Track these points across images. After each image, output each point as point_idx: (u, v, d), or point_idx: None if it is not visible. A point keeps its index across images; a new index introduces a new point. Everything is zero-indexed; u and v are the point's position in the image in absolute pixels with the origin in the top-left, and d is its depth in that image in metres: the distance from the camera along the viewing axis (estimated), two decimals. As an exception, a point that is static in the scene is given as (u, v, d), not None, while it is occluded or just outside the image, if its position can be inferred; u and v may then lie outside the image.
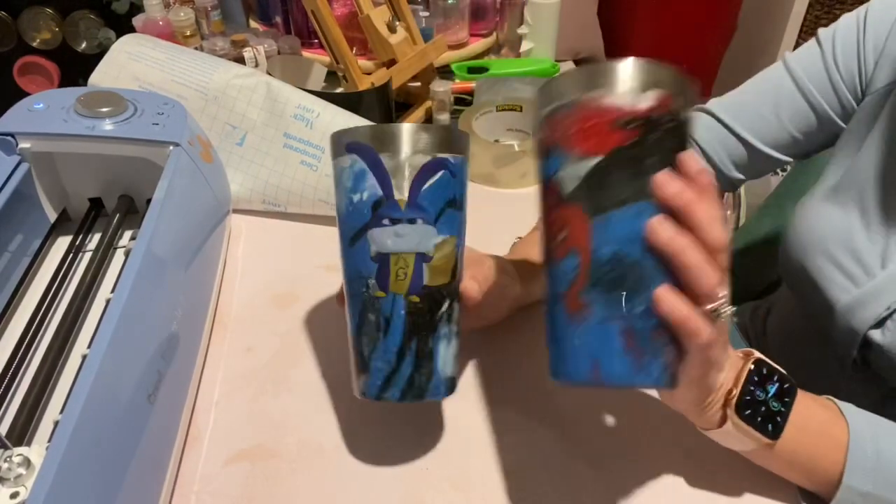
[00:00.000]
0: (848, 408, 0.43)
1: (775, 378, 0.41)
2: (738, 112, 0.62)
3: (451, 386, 0.43)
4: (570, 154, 0.36)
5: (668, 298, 0.33)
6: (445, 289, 0.42)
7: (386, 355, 0.41)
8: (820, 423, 0.42)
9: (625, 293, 0.34)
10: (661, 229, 0.33)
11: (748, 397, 0.40)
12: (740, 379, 0.40)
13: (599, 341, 0.35)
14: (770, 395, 0.41)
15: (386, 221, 0.40)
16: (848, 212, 0.54)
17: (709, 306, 0.34)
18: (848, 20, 0.58)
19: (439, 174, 0.41)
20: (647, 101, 0.34)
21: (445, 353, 0.42)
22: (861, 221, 0.52)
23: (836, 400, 0.44)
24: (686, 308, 0.33)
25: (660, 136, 0.34)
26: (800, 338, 0.64)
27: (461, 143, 0.43)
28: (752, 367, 0.41)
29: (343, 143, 0.42)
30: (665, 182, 0.34)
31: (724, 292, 0.34)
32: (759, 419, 0.40)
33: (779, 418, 0.41)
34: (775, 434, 0.41)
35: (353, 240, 0.42)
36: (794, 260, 0.57)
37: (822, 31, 0.59)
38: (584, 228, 0.35)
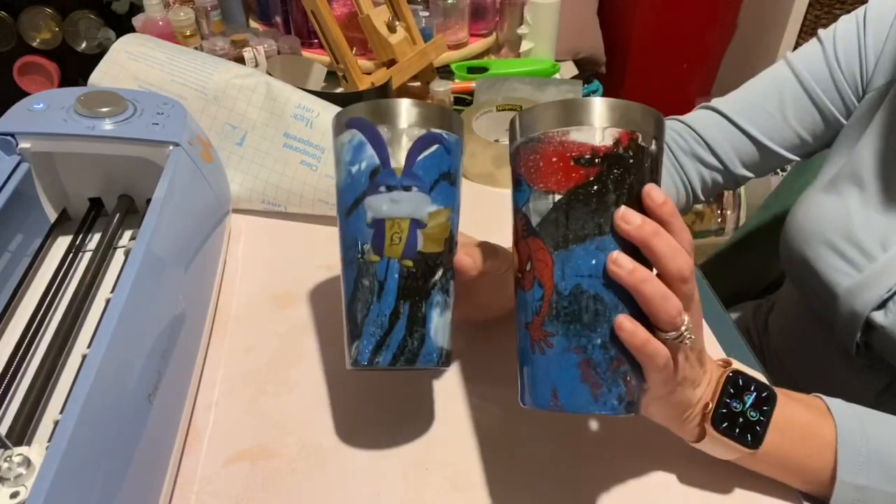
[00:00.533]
0: (835, 404, 0.43)
1: (752, 388, 0.42)
2: (745, 109, 0.62)
3: (444, 356, 0.43)
4: (534, 188, 0.37)
5: (626, 326, 0.35)
6: (439, 257, 0.43)
7: (379, 318, 0.41)
8: (804, 424, 0.42)
9: (583, 326, 0.36)
10: (619, 265, 0.34)
11: (724, 410, 0.41)
12: (716, 393, 0.41)
13: (559, 371, 0.36)
14: (747, 405, 0.41)
15: (382, 188, 0.41)
16: (846, 200, 0.54)
17: (671, 333, 0.35)
18: (848, 20, 0.59)
19: (434, 147, 0.42)
20: (607, 138, 0.36)
21: (438, 321, 0.43)
22: (860, 208, 0.53)
23: (823, 397, 0.44)
24: (643, 335, 0.35)
25: (621, 173, 0.36)
26: (803, 333, 0.64)
27: (456, 123, 0.44)
28: (727, 379, 0.41)
29: (343, 121, 0.43)
30: (623, 218, 0.35)
31: (685, 318, 0.36)
32: (738, 430, 0.41)
33: (758, 427, 0.41)
34: (755, 443, 0.41)
35: (350, 209, 0.43)
36: (794, 251, 0.58)
37: (822, 32, 0.60)
38: (547, 262, 0.37)
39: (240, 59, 0.86)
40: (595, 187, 0.35)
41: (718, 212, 1.54)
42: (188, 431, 0.49)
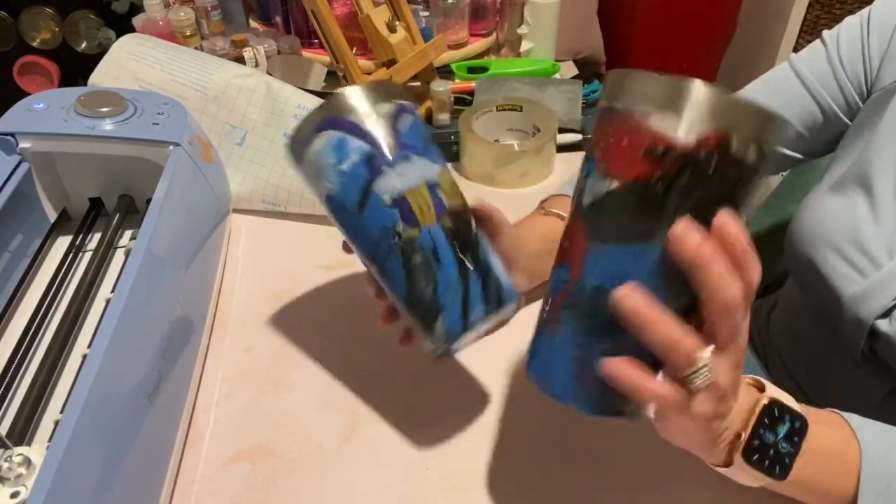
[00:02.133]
0: (859, 424, 0.42)
1: (786, 419, 0.39)
2: None
3: (518, 292, 0.44)
4: (597, 165, 0.33)
5: (611, 371, 0.32)
6: (465, 208, 0.43)
7: (450, 283, 0.40)
8: (830, 450, 0.41)
9: (593, 328, 0.33)
10: (628, 299, 0.31)
11: (757, 441, 0.38)
12: (750, 422, 0.38)
13: (556, 358, 0.35)
14: (780, 436, 0.38)
15: (385, 168, 0.41)
16: (853, 204, 0.54)
17: (685, 373, 0.32)
18: (851, 21, 0.58)
19: (408, 116, 0.43)
20: (691, 134, 0.30)
21: (497, 262, 0.43)
22: (868, 213, 0.53)
23: (845, 415, 0.43)
24: (636, 378, 0.32)
25: (693, 180, 0.30)
26: (806, 334, 0.64)
27: (405, 92, 0.44)
28: (764, 408, 0.38)
29: (305, 134, 0.42)
30: (679, 236, 0.30)
31: (702, 357, 0.32)
32: (767, 462, 0.38)
33: (787, 459, 0.38)
34: (783, 475, 0.39)
35: (361, 204, 0.41)
36: (799, 253, 0.58)
37: (826, 33, 0.60)
38: (582, 249, 0.34)
39: (240, 59, 0.85)
40: (657, 188, 0.30)
41: (718, 212, 1.53)
42: (188, 431, 0.49)
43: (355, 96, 0.41)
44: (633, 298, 0.31)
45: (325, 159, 0.42)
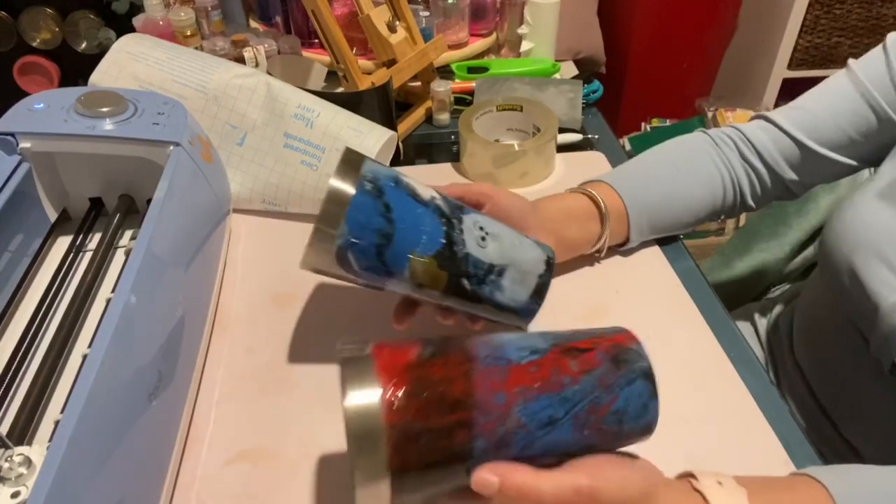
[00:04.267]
0: (832, 484, 0.39)
1: None
2: (792, 113, 0.62)
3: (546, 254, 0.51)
4: None
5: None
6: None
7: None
8: None
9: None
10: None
11: None
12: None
13: None
14: None
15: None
16: None
17: None
18: None
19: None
20: None
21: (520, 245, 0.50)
22: None
23: (819, 477, 0.40)
24: None
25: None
26: (829, 338, 0.62)
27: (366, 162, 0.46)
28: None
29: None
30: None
31: None
32: None
33: None
34: None
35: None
36: (839, 256, 0.56)
37: (891, 36, 0.59)
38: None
39: (240, 59, 0.85)
40: None
41: (718, 212, 1.53)
42: (188, 432, 0.49)
43: (355, 167, 0.44)
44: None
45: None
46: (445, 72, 0.98)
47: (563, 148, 0.82)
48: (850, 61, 0.61)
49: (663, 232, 0.65)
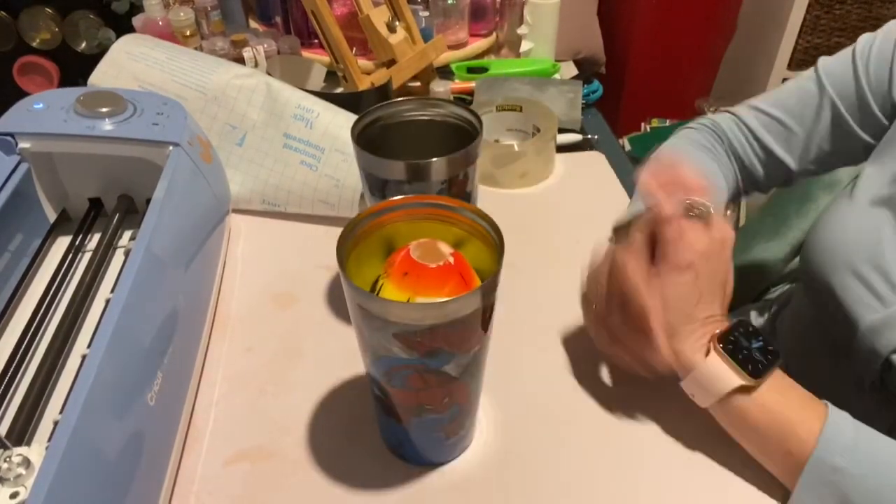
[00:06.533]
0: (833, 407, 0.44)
1: (761, 338, 0.45)
2: (761, 116, 0.63)
3: None
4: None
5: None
6: None
7: None
8: (800, 395, 0.44)
9: None
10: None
11: (732, 338, 0.44)
12: (726, 324, 0.45)
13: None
14: (753, 346, 0.44)
15: None
16: (879, 226, 0.52)
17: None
18: (888, 33, 0.56)
19: None
20: None
21: None
22: (893, 237, 0.50)
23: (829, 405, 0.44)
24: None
25: None
26: (814, 348, 0.62)
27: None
28: (740, 322, 0.45)
29: None
30: None
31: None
32: (741, 357, 0.43)
33: (760, 365, 0.43)
34: (755, 374, 0.43)
35: None
36: (817, 272, 0.55)
37: (862, 40, 0.58)
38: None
39: (240, 59, 0.85)
40: None
41: (718, 212, 1.53)
42: (188, 431, 0.49)
43: None
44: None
45: None
46: (445, 72, 0.98)
47: (562, 148, 0.82)
48: (820, 63, 0.60)
49: None
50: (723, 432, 0.46)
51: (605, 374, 0.54)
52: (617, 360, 0.50)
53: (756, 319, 0.75)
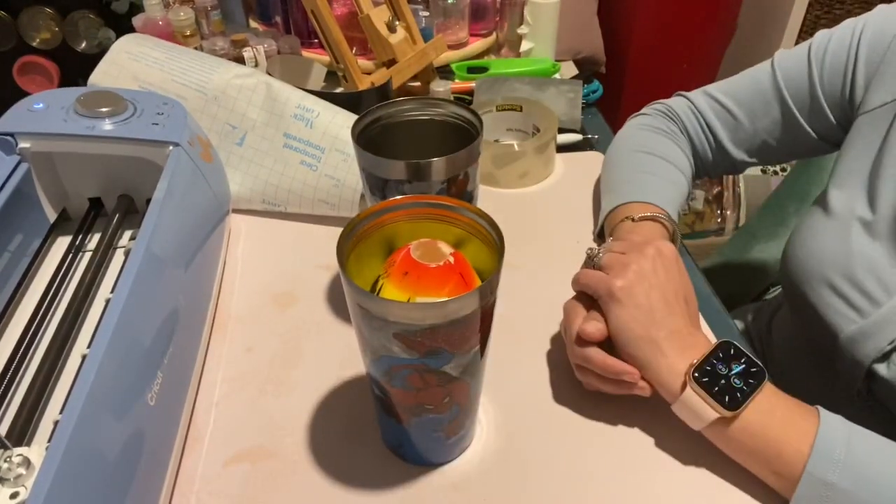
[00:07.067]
0: (825, 411, 0.42)
1: (742, 360, 0.44)
2: (713, 103, 0.64)
3: None
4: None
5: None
6: None
7: None
8: (788, 410, 0.43)
9: None
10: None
11: (708, 367, 0.43)
12: (704, 353, 0.44)
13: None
14: (733, 372, 0.43)
15: None
16: (847, 235, 0.51)
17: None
18: (843, 34, 0.56)
19: None
20: None
21: None
22: (863, 246, 0.50)
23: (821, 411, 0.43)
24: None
25: None
26: (804, 356, 0.62)
27: None
28: (720, 344, 0.44)
29: None
30: None
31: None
32: (716, 389, 0.42)
33: (738, 394, 0.42)
34: (732, 407, 0.42)
35: None
36: (796, 284, 0.55)
37: (817, 38, 0.58)
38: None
39: (240, 59, 0.85)
40: None
41: (718, 212, 1.54)
42: (188, 432, 0.49)
43: None
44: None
45: None
46: (445, 72, 0.98)
47: (562, 148, 0.82)
48: (776, 58, 0.61)
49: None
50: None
51: (605, 374, 0.54)
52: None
53: (754, 319, 0.75)
